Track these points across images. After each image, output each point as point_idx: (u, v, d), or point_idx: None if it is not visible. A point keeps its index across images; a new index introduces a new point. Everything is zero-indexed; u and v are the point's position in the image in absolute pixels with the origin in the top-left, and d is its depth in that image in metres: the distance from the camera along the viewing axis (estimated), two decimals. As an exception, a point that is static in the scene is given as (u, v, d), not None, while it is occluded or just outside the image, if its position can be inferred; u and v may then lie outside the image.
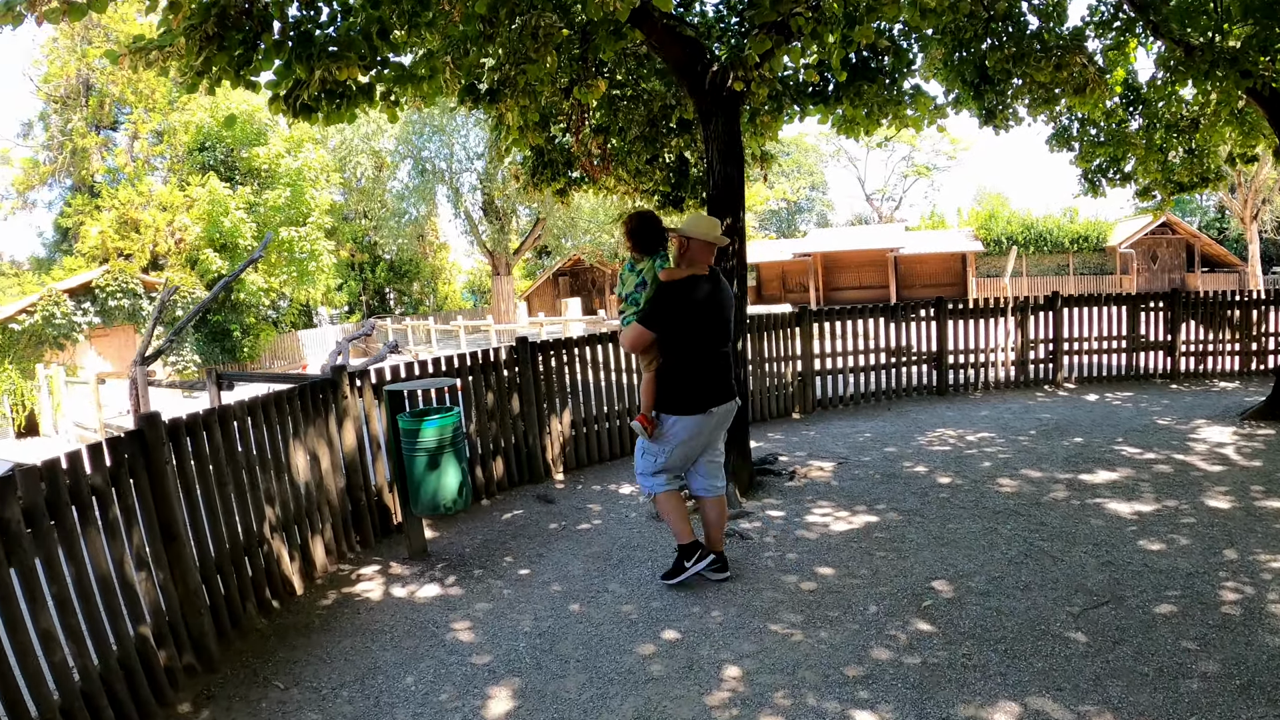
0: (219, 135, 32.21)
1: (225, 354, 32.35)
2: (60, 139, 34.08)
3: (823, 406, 12.44)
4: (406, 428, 6.55)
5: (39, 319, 24.24)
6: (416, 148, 38.71)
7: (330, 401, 7.32)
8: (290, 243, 31.32)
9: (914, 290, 41.51)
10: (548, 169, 11.06)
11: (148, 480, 5.12)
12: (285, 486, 6.57)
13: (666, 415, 5.72)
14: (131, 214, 30.75)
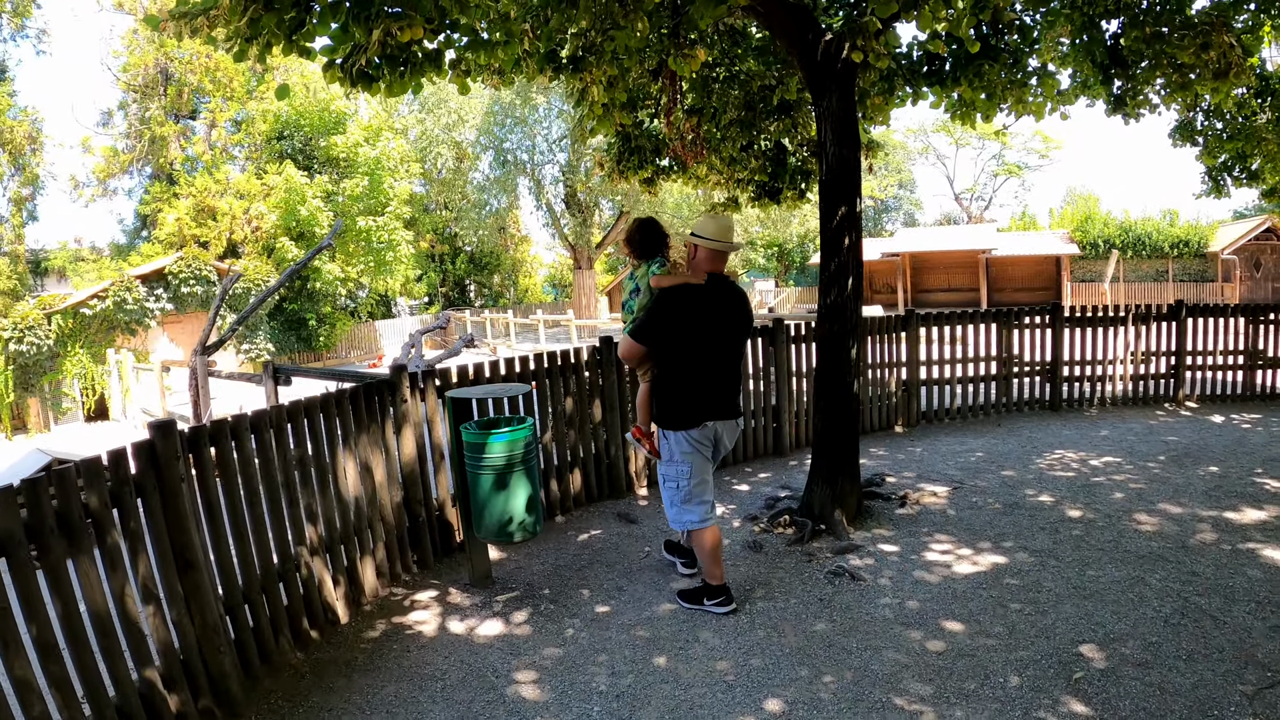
0: (297, 124, 31.85)
1: (300, 343, 32.12)
2: (139, 128, 33.95)
3: (927, 419, 11.42)
4: (471, 441, 5.72)
5: (110, 304, 23.96)
6: (498, 139, 37.93)
7: (387, 405, 6.53)
8: (368, 232, 30.86)
9: (1005, 295, 39.89)
10: (634, 155, 10.23)
11: (159, 500, 4.38)
12: (330, 502, 5.79)
13: (664, 430, 5.47)
14: (208, 202, 30.64)
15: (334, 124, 31.81)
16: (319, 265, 29.82)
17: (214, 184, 31.12)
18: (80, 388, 23.69)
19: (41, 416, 23.41)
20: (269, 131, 32.51)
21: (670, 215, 36.55)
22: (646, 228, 5.80)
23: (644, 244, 5.73)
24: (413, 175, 34.88)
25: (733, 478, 8.96)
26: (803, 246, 50.20)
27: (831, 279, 6.78)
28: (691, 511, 5.45)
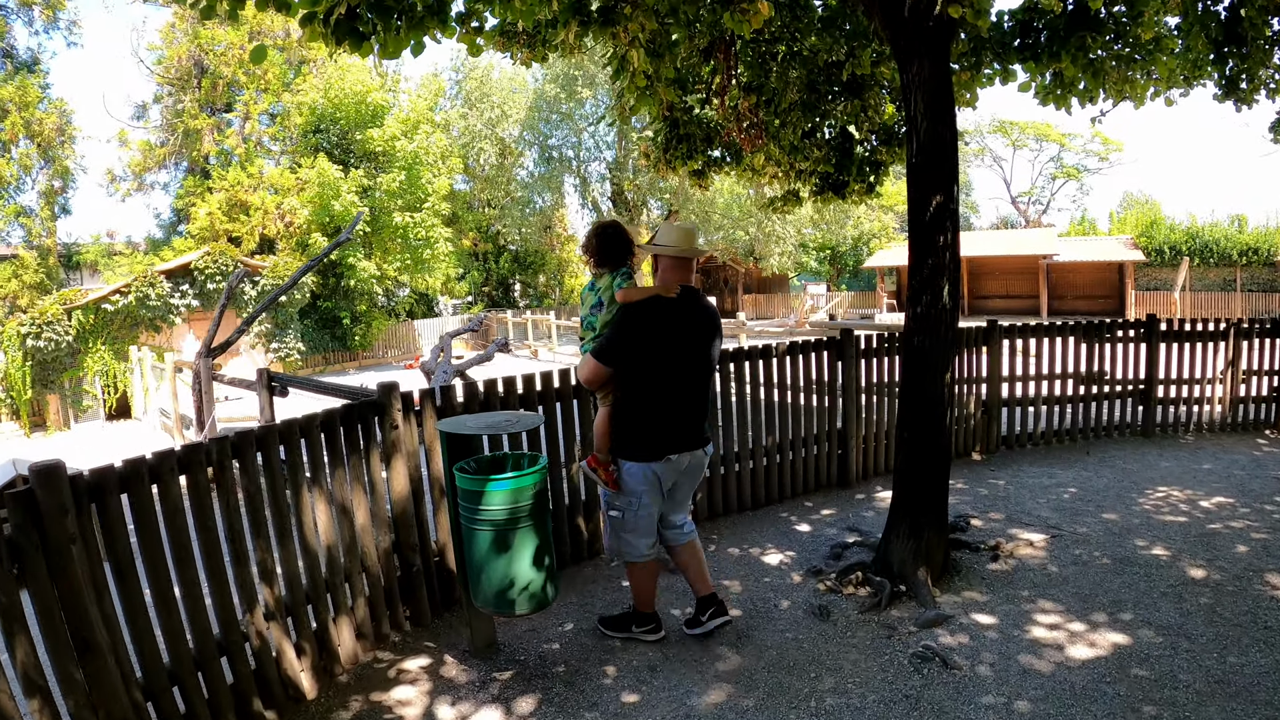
0: (333, 116, 31.09)
1: (335, 342, 31.53)
2: (173, 121, 33.61)
3: (1007, 445, 10.05)
4: (465, 488, 4.57)
5: (133, 300, 23.42)
6: (543, 135, 37.00)
7: (374, 432, 5.40)
8: (404, 228, 30.03)
9: (1065, 303, 38.26)
10: (683, 143, 9.05)
11: (44, 564, 3.41)
12: (293, 554, 4.76)
13: (622, 460, 4.89)
14: (241, 196, 30.17)
15: (371, 116, 31.01)
16: (353, 262, 29.15)
17: (247, 178, 30.60)
18: (102, 385, 23.18)
19: (61, 414, 22.93)
20: (305, 125, 31.83)
21: (720, 216, 35.38)
22: (607, 233, 5.18)
23: (604, 251, 5.12)
24: (453, 171, 33.88)
25: (791, 513, 7.73)
26: (856, 250, 48.77)
27: (924, 284, 5.52)
28: (635, 543, 4.97)
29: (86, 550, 3.59)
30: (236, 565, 4.41)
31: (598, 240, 5.15)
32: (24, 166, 29.04)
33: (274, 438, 4.69)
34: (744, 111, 8.13)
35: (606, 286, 5.08)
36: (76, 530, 3.50)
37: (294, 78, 33.59)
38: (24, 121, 28.45)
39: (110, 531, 3.79)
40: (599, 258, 5.14)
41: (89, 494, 3.69)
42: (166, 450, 4.13)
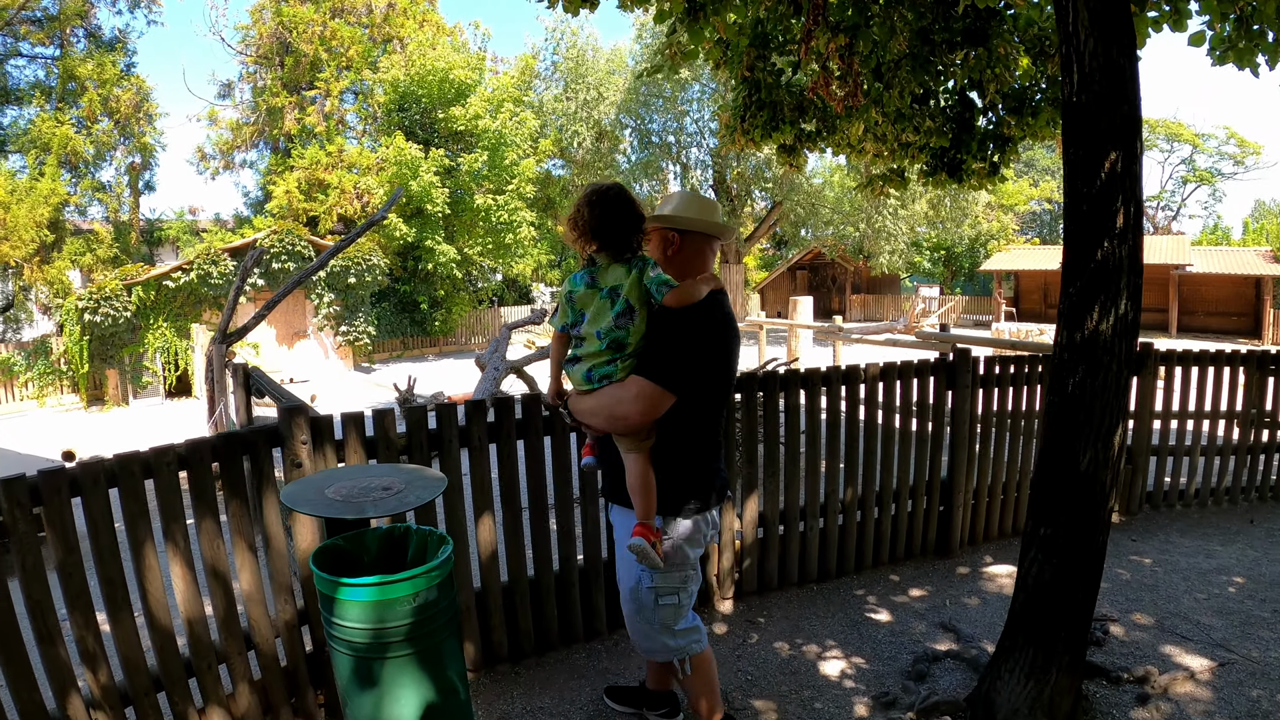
0: (415, 95, 30.24)
1: (414, 327, 30.70)
2: (257, 100, 33.35)
3: (1151, 503, 7.83)
4: (321, 589, 3.00)
5: (194, 277, 22.89)
6: (641, 119, 35.24)
7: (267, 471, 4.04)
8: (487, 210, 28.85)
9: (1195, 319, 35.17)
10: (764, 111, 7.27)
11: None
12: (127, 630, 3.60)
13: (673, 519, 3.46)
14: (319, 174, 29.46)
15: (455, 95, 29.90)
16: (432, 245, 28.09)
17: (325, 156, 29.85)
18: (162, 362, 22.69)
19: (120, 389, 22.42)
20: (387, 103, 30.95)
21: (829, 210, 33.40)
22: (612, 200, 3.28)
23: (609, 226, 3.25)
24: (544, 154, 32.59)
25: (869, 592, 5.80)
26: (973, 251, 46.36)
27: (1088, 292, 3.60)
28: (691, 631, 3.60)
29: None
30: (42, 644, 3.35)
31: (599, 210, 3.26)
32: (104, 144, 28.53)
33: (97, 479, 3.48)
34: (835, 60, 6.31)
35: (634, 283, 3.25)
36: None
37: (379, 55, 32.70)
38: (102, 99, 28.04)
39: None
40: (602, 236, 3.27)
41: None
42: None
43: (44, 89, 28.55)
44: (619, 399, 3.28)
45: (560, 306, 3.38)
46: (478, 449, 4.48)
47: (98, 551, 3.46)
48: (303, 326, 25.86)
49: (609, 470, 3.55)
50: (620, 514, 3.56)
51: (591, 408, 3.36)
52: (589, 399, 3.36)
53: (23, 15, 27.09)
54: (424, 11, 34.04)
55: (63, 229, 26.92)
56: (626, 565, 3.50)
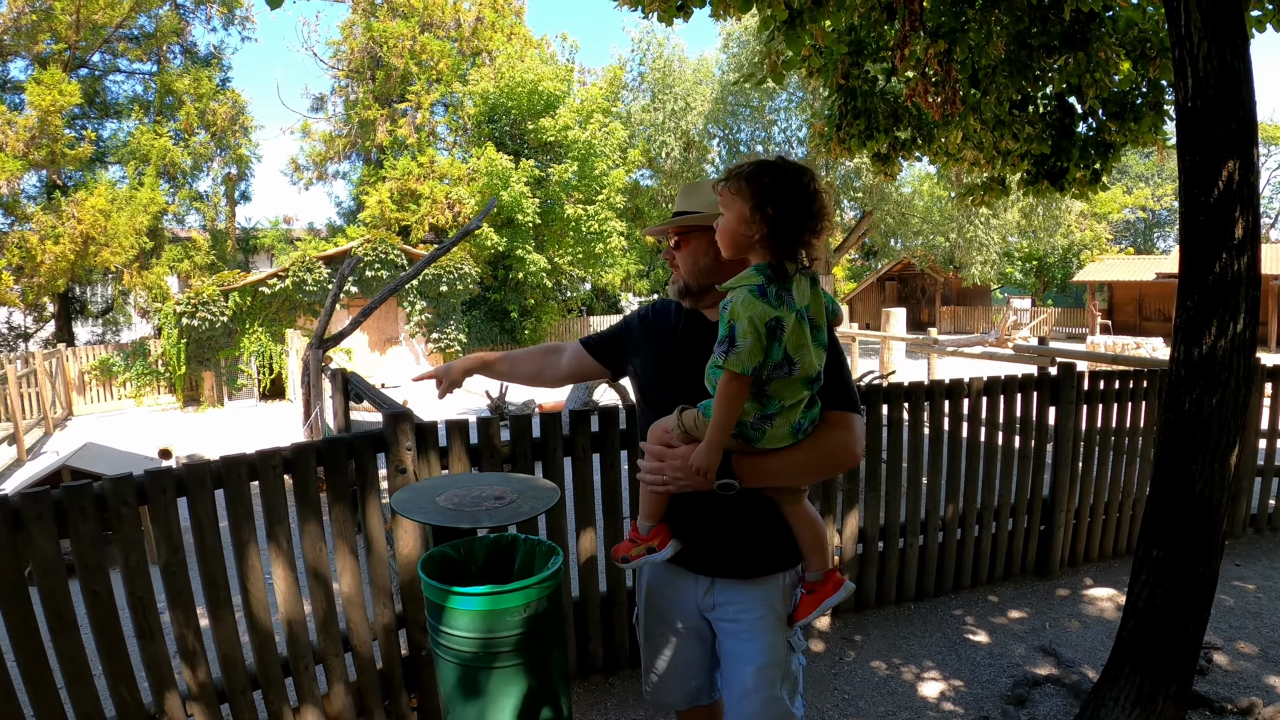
0: (505, 106, 30.52)
1: (504, 335, 30.75)
2: (349, 113, 33.88)
3: (1255, 527, 7.46)
4: (429, 595, 2.93)
5: (289, 284, 23.39)
6: (730, 129, 35.03)
7: (371, 475, 4.05)
8: (577, 220, 29.04)
9: (1293, 333, 33.99)
10: (860, 119, 7.18)
11: None
12: (228, 628, 3.67)
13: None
14: (411, 185, 29.81)
15: (545, 106, 30.06)
16: (523, 254, 28.27)
17: (417, 167, 30.17)
18: (257, 366, 23.22)
19: (216, 391, 23.03)
20: (477, 115, 31.24)
21: (919, 220, 32.93)
22: (816, 190, 2.35)
23: (808, 226, 2.32)
24: (633, 164, 32.63)
25: (967, 613, 5.68)
26: (1065, 261, 45.32)
27: (1206, 306, 3.46)
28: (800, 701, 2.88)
29: None
30: (143, 639, 3.43)
31: (806, 202, 2.31)
32: (201, 155, 29.27)
33: (203, 481, 3.52)
34: (932, 66, 6.22)
35: (817, 299, 2.45)
36: None
37: (469, 69, 33.06)
38: (198, 112, 28.75)
39: None
40: (797, 238, 2.32)
41: None
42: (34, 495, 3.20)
43: (142, 103, 29.34)
44: (843, 443, 2.57)
45: (750, 340, 2.24)
46: (581, 458, 4.47)
47: (201, 551, 3.52)
48: (395, 333, 26.21)
49: (718, 538, 2.71)
50: (737, 592, 2.73)
51: (800, 464, 2.52)
52: (791, 455, 2.48)
53: (121, 33, 27.89)
54: (512, 25, 34.35)
55: (161, 236, 27.66)
56: (770, 648, 2.71)
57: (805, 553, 2.68)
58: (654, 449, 2.55)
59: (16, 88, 26.77)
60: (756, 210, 2.28)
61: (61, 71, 24.42)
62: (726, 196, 2.35)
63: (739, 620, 2.70)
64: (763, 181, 2.29)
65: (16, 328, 29.53)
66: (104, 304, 31.17)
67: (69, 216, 23.33)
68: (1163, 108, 6.62)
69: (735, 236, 2.33)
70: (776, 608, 2.69)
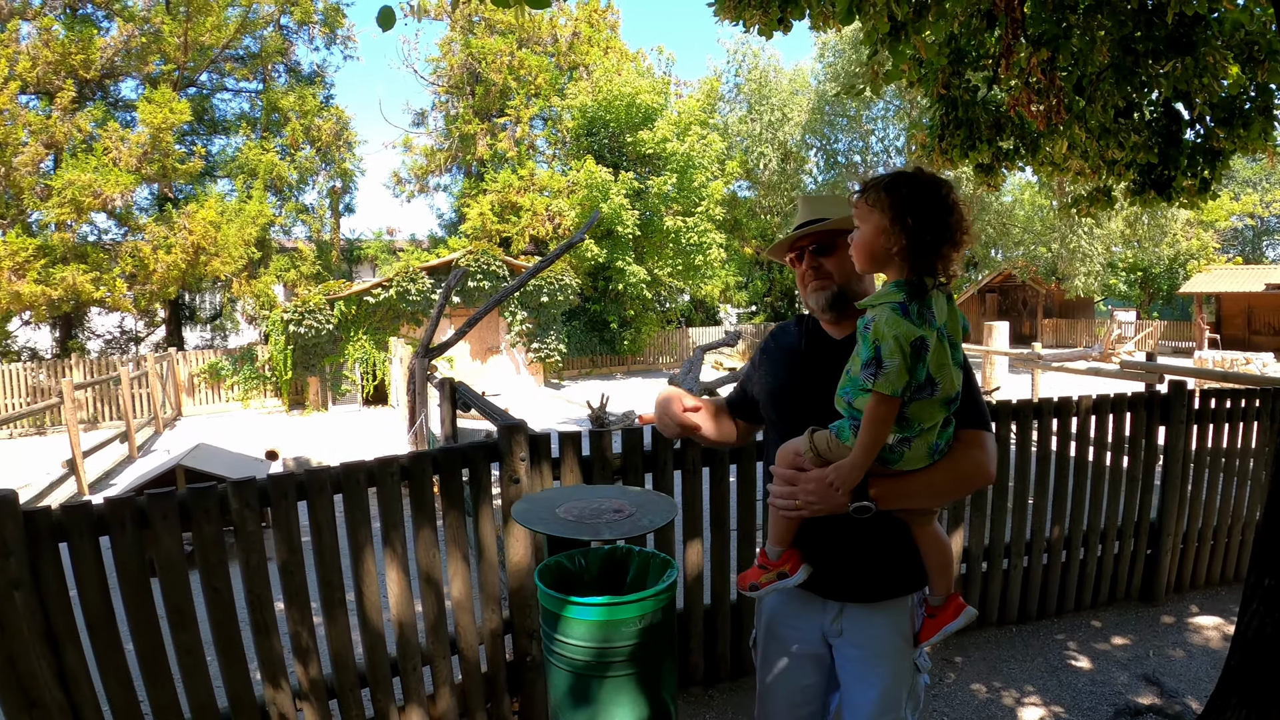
0: (603, 119, 30.70)
1: (603, 345, 31.11)
2: (450, 127, 34.43)
3: None
4: (544, 603, 2.98)
5: (393, 293, 23.95)
6: (827, 139, 35.01)
7: (485, 484, 4.17)
8: (677, 232, 29.09)
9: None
10: (961, 129, 7.11)
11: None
12: (342, 629, 3.81)
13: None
14: (511, 197, 30.23)
15: (642, 119, 30.18)
16: (623, 266, 28.46)
17: (518, 180, 30.58)
18: (361, 372, 23.77)
19: (320, 396, 23.60)
20: (576, 128, 31.47)
21: (1020, 230, 32.34)
22: (956, 201, 2.28)
23: (949, 239, 2.25)
24: (732, 176, 32.59)
25: (1069, 638, 5.57)
26: (1171, 272, 43.86)
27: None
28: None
29: (39, 598, 3.16)
30: (258, 635, 3.61)
31: (949, 215, 2.25)
32: (306, 169, 30.19)
33: (323, 486, 3.66)
34: (1035, 74, 6.15)
35: (954, 314, 2.35)
36: (23, 575, 3.10)
37: (566, 83, 33.38)
38: (304, 128, 29.64)
39: (81, 580, 3.25)
40: (936, 253, 2.26)
41: (52, 534, 3.19)
42: (143, 498, 3.37)
43: (249, 120, 30.34)
44: (978, 463, 2.51)
45: (896, 361, 2.17)
46: (691, 472, 4.52)
47: (319, 552, 3.65)
48: (496, 342, 26.54)
49: (847, 562, 2.65)
50: (865, 616, 2.68)
51: (935, 485, 2.47)
52: (927, 476, 2.44)
53: (227, 54, 28.87)
54: (607, 39, 34.57)
55: (269, 247, 28.46)
56: (895, 672, 2.69)
57: (931, 575, 2.63)
58: (786, 473, 2.47)
59: (128, 106, 27.87)
60: (896, 222, 2.22)
61: (171, 90, 25.36)
62: (864, 208, 2.29)
63: (865, 646, 2.67)
64: (901, 193, 2.24)
65: (129, 332, 30.51)
66: (213, 311, 32.15)
67: (180, 228, 24.18)
68: (1272, 112, 6.45)
69: (872, 249, 2.29)
70: (904, 630, 2.67)
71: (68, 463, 12.36)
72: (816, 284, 2.67)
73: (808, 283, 2.69)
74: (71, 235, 23.38)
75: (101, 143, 24.01)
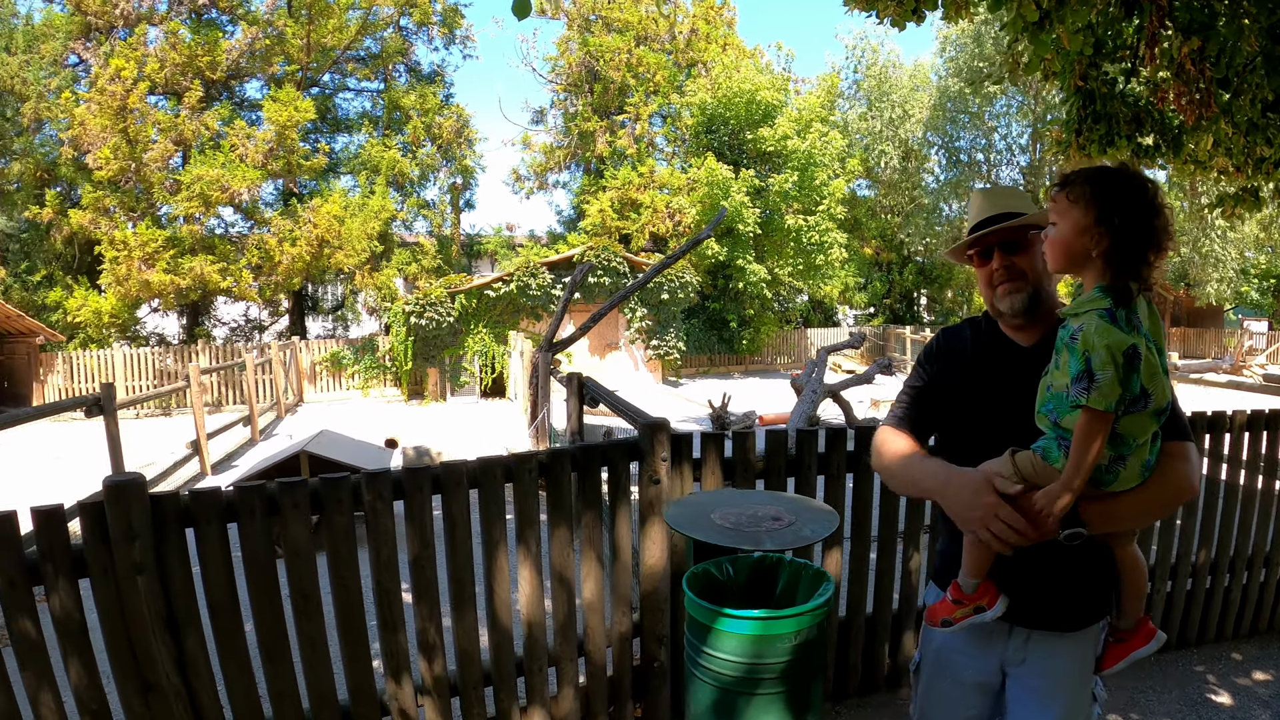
0: (723, 116, 30.52)
1: (722, 344, 31.12)
2: (569, 125, 34.82)
3: None
4: (692, 613, 2.89)
5: (514, 288, 24.27)
6: (949, 136, 34.07)
7: (624, 484, 4.11)
8: (798, 231, 28.68)
9: None
10: (1100, 124, 6.82)
11: (111, 588, 3.09)
12: (468, 625, 3.76)
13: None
14: (631, 194, 30.45)
15: (762, 116, 29.86)
16: (743, 264, 28.30)
17: (637, 177, 30.74)
18: (480, 365, 24.14)
19: (439, 387, 24.09)
20: (695, 125, 31.45)
21: (1176, 232, 30.94)
22: (1160, 199, 2.12)
23: (1154, 242, 2.09)
24: (853, 174, 32.32)
25: (1208, 670, 5.21)
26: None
27: None
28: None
29: (162, 582, 3.16)
30: (384, 629, 3.58)
31: (1154, 215, 2.10)
32: (428, 166, 30.86)
33: (460, 480, 3.61)
34: (1186, 65, 5.84)
35: (1155, 320, 2.17)
36: (147, 559, 3.10)
37: (684, 80, 33.35)
38: (425, 126, 30.29)
39: (206, 565, 3.26)
40: (1141, 257, 2.10)
41: (179, 519, 3.19)
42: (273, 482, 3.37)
43: (371, 118, 31.12)
44: (1184, 476, 2.31)
45: (1110, 372, 2.01)
46: (834, 477, 4.37)
47: (452, 548, 3.61)
48: (615, 338, 26.68)
49: (1042, 589, 2.46)
50: (1052, 645, 2.49)
51: (1146, 505, 2.30)
52: (1139, 496, 2.25)
53: (349, 55, 29.76)
54: (725, 35, 34.42)
55: (391, 241, 29.12)
56: (1073, 704, 2.53)
57: (1126, 598, 2.46)
58: (989, 501, 2.23)
59: (253, 106, 29.00)
60: (1101, 222, 2.07)
61: (295, 89, 26.22)
62: (1062, 204, 2.14)
63: (1048, 675, 2.50)
64: (1107, 189, 2.09)
65: (254, 320, 31.50)
66: (335, 302, 33.01)
67: (305, 221, 24.99)
68: None
69: (1069, 249, 2.14)
70: (1088, 658, 2.52)
71: (192, 444, 12.73)
72: (1009, 285, 2.48)
73: (996, 284, 2.50)
74: (199, 227, 24.37)
75: (228, 140, 25.03)
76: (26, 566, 2.99)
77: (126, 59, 23.43)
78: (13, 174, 25.66)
